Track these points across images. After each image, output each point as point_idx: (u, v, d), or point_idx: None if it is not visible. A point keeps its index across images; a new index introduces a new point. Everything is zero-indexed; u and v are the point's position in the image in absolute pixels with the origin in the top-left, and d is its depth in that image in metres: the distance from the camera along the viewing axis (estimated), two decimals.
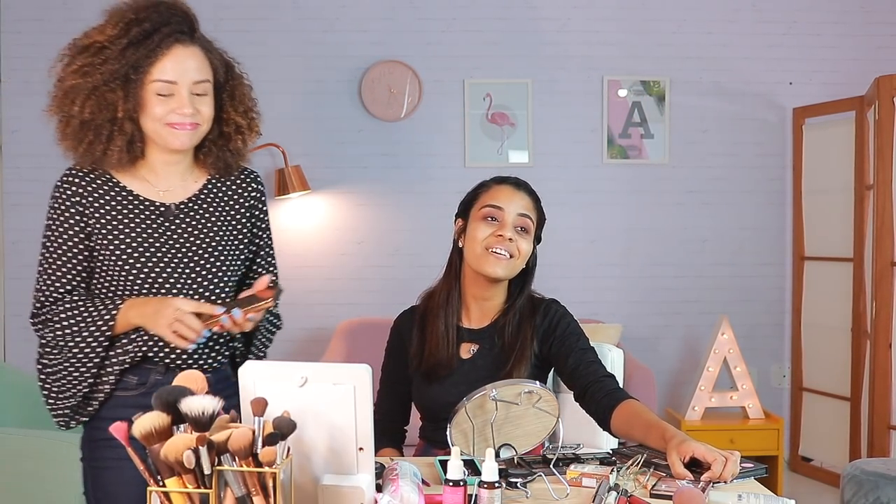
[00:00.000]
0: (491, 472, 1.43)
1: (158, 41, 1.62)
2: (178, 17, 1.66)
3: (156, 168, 1.74)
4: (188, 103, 1.65)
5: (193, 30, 1.69)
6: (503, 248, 1.96)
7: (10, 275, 4.47)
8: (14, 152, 4.45)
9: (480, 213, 2.01)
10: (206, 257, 1.73)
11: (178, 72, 1.64)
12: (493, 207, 2.00)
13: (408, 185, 4.46)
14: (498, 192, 2.04)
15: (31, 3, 4.42)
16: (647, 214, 4.55)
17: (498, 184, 2.06)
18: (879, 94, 3.73)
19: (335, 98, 4.43)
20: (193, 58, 1.66)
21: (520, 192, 2.04)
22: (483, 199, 2.04)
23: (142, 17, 1.62)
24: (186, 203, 1.75)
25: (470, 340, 2.04)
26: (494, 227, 1.99)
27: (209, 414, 1.18)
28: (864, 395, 3.89)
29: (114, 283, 1.70)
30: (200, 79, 1.67)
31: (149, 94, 1.64)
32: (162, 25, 1.63)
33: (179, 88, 1.64)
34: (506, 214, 1.99)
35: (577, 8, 4.51)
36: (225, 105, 1.75)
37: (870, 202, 3.90)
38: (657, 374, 4.29)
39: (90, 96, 1.63)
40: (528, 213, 2.02)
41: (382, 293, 4.40)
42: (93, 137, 1.66)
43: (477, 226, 2.00)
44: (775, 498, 1.49)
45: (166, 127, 1.66)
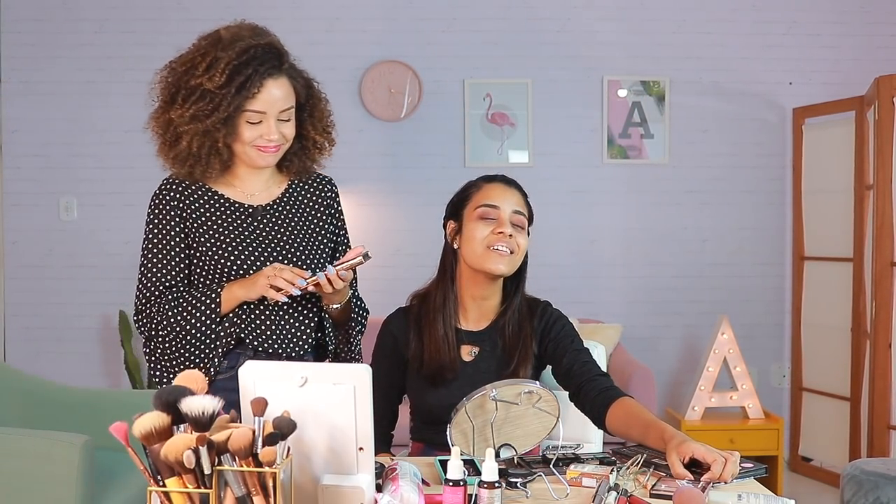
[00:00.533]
0: (491, 472, 1.43)
1: (258, 80, 1.81)
2: (271, 54, 1.85)
3: (242, 176, 1.95)
4: (275, 130, 1.85)
5: (282, 62, 1.87)
6: (504, 245, 1.97)
7: (9, 275, 4.47)
8: (14, 152, 4.46)
9: (476, 213, 2.01)
10: (291, 251, 1.92)
11: (268, 104, 1.83)
12: (488, 207, 2.01)
13: (408, 185, 4.46)
14: (490, 190, 2.04)
15: (31, 3, 4.43)
16: (647, 214, 4.55)
17: (488, 182, 2.07)
18: (879, 94, 3.73)
19: (335, 98, 4.34)
20: (281, 88, 1.85)
21: (511, 189, 2.06)
22: (476, 199, 2.04)
23: (244, 62, 1.80)
24: (272, 205, 1.96)
25: (470, 342, 2.04)
26: (493, 224, 1.99)
27: (209, 414, 1.18)
28: (863, 395, 3.89)
29: (209, 278, 1.89)
30: (286, 107, 1.86)
31: (241, 122, 1.84)
32: (261, 65, 1.82)
33: (268, 117, 1.84)
34: (501, 212, 2.00)
35: (577, 8, 4.52)
36: (305, 123, 1.95)
37: (870, 202, 3.90)
38: (657, 374, 4.29)
39: (197, 135, 1.83)
40: (521, 209, 2.04)
41: (382, 293, 4.38)
42: (193, 162, 1.87)
43: (475, 226, 2.00)
44: (775, 498, 1.49)
45: (254, 149, 1.86)
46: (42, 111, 4.44)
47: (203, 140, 1.84)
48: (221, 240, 1.89)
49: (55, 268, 4.46)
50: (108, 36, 4.45)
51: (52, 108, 4.44)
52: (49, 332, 4.47)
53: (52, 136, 4.44)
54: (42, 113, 4.44)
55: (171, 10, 4.38)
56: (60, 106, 4.46)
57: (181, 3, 4.40)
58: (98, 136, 4.44)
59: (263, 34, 1.88)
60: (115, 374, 4.46)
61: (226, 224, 1.91)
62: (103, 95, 4.43)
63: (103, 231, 4.45)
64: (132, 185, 4.38)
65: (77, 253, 4.46)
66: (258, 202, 1.95)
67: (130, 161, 4.37)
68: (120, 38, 4.43)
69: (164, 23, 4.40)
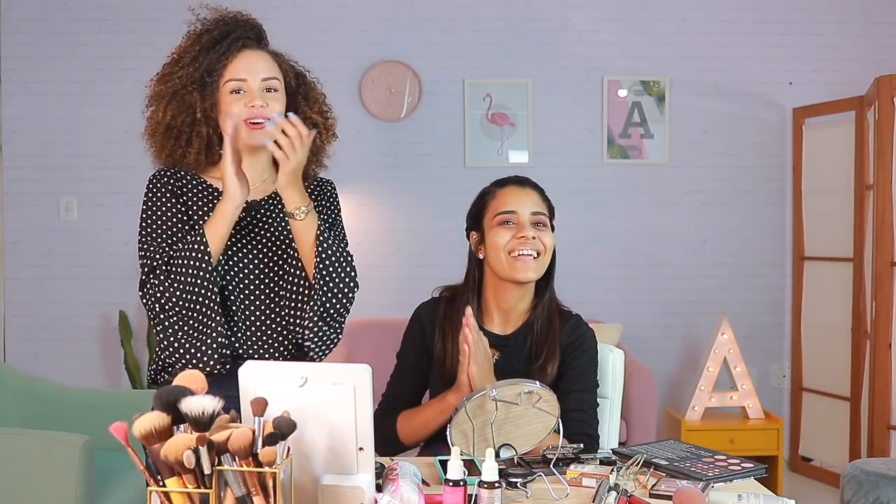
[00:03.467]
0: (491, 472, 1.43)
1: (228, 45, 1.78)
2: (244, 26, 1.82)
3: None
4: (258, 96, 1.76)
5: (260, 38, 1.84)
6: (528, 248, 1.96)
7: (9, 275, 4.47)
8: (14, 152, 4.46)
9: (495, 220, 2.00)
10: (283, 248, 1.84)
11: (248, 70, 1.77)
12: (506, 213, 2.00)
13: (408, 185, 4.46)
14: (505, 195, 2.03)
15: (31, 3, 4.43)
16: (647, 214, 4.55)
17: (501, 187, 2.05)
18: (879, 94, 3.74)
19: (335, 98, 4.37)
20: (262, 59, 1.80)
21: (526, 190, 2.04)
22: (493, 207, 2.03)
23: (210, 28, 1.80)
24: (266, 200, 1.88)
25: (494, 346, 2.01)
26: (513, 230, 1.98)
27: (209, 414, 1.18)
28: (864, 394, 3.89)
29: None
30: (269, 76, 1.79)
31: (223, 94, 1.78)
32: (229, 32, 1.79)
33: (250, 84, 1.77)
34: (520, 216, 1.99)
35: (577, 8, 4.52)
36: (301, 106, 1.87)
37: (870, 202, 3.90)
38: (657, 374, 4.29)
39: (171, 101, 1.78)
40: (540, 209, 2.03)
41: (382, 293, 4.40)
42: (173, 142, 1.81)
43: (496, 233, 1.99)
44: (775, 498, 1.49)
45: (243, 125, 1.76)
46: (42, 111, 4.44)
47: (178, 108, 1.78)
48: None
49: (55, 268, 4.46)
50: (108, 36, 4.45)
51: (52, 108, 4.44)
52: (49, 332, 4.46)
53: (52, 136, 4.44)
54: (42, 113, 4.44)
55: (171, 10, 4.38)
56: (60, 106, 4.46)
57: (181, 3, 4.38)
58: (98, 136, 4.44)
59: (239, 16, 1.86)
60: (115, 374, 4.46)
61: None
62: (103, 95, 4.43)
63: (103, 231, 4.45)
64: (132, 185, 4.38)
65: (77, 253, 4.46)
66: (252, 196, 1.85)
67: (130, 161, 4.37)
68: (120, 38, 4.43)
69: (164, 23, 4.39)
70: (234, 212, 1.74)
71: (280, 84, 1.82)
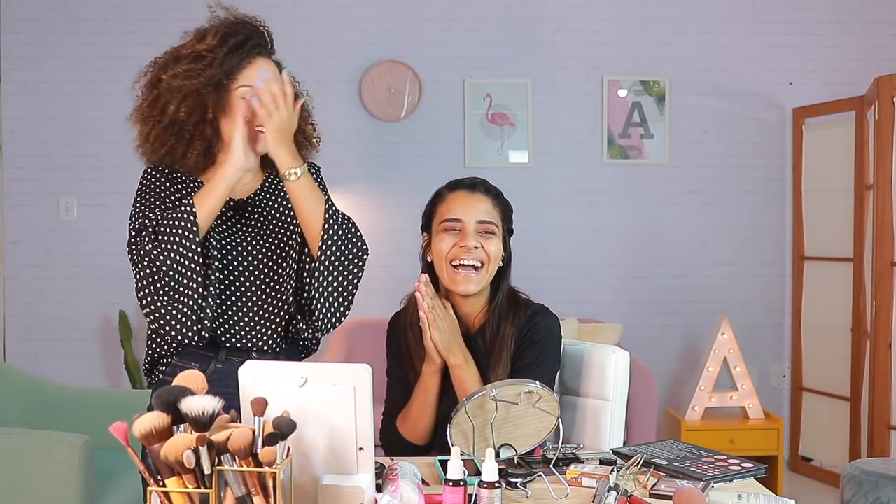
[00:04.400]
0: (491, 472, 1.43)
1: (248, 51, 1.82)
2: (260, 33, 1.86)
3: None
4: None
5: (271, 50, 1.89)
6: (470, 258, 1.91)
7: (9, 275, 4.47)
8: (14, 152, 4.46)
9: (440, 227, 1.95)
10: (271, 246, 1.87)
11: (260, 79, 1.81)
12: (450, 220, 1.94)
13: (408, 185, 4.46)
14: (453, 201, 1.97)
15: (31, 3, 4.43)
16: (647, 214, 4.55)
17: (451, 191, 1.99)
18: (879, 94, 3.74)
19: (335, 98, 4.43)
20: (271, 69, 1.84)
21: (475, 196, 1.96)
22: (440, 212, 1.98)
23: (235, 31, 1.81)
24: (253, 198, 1.91)
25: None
26: (457, 237, 1.93)
27: (209, 414, 1.18)
28: (864, 395, 3.89)
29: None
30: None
31: (234, 98, 1.80)
32: (249, 38, 1.82)
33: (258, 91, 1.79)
34: (465, 224, 1.93)
35: (577, 8, 4.52)
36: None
37: (870, 202, 3.90)
38: (657, 374, 4.29)
39: (188, 97, 1.78)
40: (488, 218, 1.95)
41: (382, 293, 4.38)
42: (175, 140, 1.82)
43: (440, 239, 1.95)
44: (775, 498, 1.49)
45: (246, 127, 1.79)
46: (42, 111, 4.44)
47: (193, 106, 1.79)
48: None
49: (55, 268, 4.46)
50: (108, 36, 4.45)
51: (52, 108, 4.44)
52: (49, 332, 4.46)
53: (52, 136, 4.44)
54: (42, 113, 4.44)
55: (171, 10, 4.38)
56: (60, 106, 4.46)
57: (181, 3, 4.39)
58: (98, 136, 4.44)
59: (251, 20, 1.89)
60: (115, 374, 4.46)
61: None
62: (103, 95, 4.43)
63: (103, 231, 4.45)
64: (132, 185, 4.33)
65: (77, 253, 4.46)
66: (239, 195, 1.90)
67: (130, 161, 4.30)
68: (120, 38, 4.43)
69: (164, 23, 4.39)
70: (233, 175, 1.76)
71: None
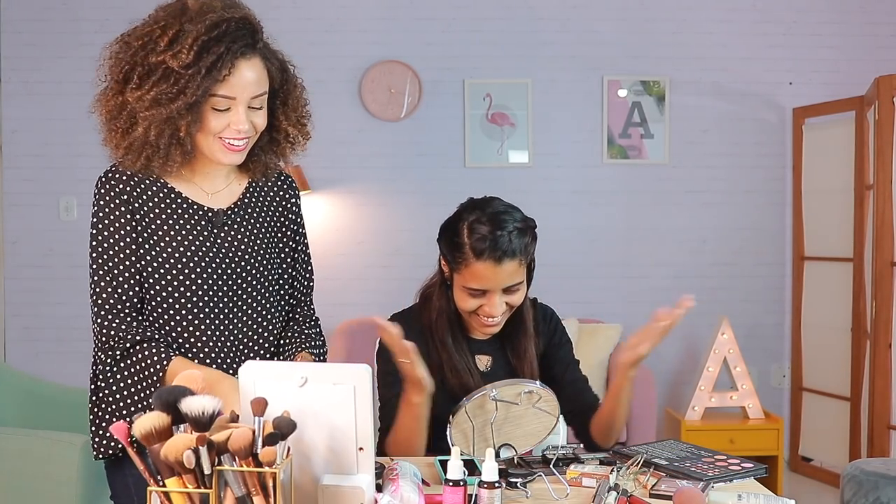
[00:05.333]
0: (491, 472, 1.43)
1: (227, 62, 1.56)
2: (245, 30, 1.59)
3: (201, 171, 1.70)
4: (244, 119, 1.60)
5: (257, 40, 1.62)
6: (494, 319, 1.89)
7: (9, 275, 4.47)
8: (14, 152, 4.46)
9: (463, 290, 1.87)
10: (251, 262, 1.71)
11: (239, 88, 1.58)
12: (475, 290, 1.86)
13: (408, 185, 4.46)
14: (478, 271, 1.83)
15: (31, 3, 4.43)
16: (647, 214, 4.55)
17: (478, 260, 1.83)
18: (879, 94, 3.73)
19: (335, 98, 4.43)
20: (254, 70, 1.60)
21: (502, 267, 1.82)
22: (464, 276, 1.86)
23: (213, 38, 1.55)
24: (233, 208, 1.72)
25: (481, 352, 2.00)
26: (481, 300, 1.87)
27: (209, 414, 1.18)
28: (864, 395, 3.89)
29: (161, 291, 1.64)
30: (259, 92, 1.62)
31: (206, 108, 1.58)
32: (231, 44, 1.56)
33: (237, 104, 1.59)
34: (492, 294, 1.86)
35: (577, 8, 4.52)
36: (277, 112, 1.70)
37: (870, 202, 3.90)
38: (657, 374, 4.29)
39: (161, 123, 1.57)
40: (515, 282, 1.87)
41: (382, 293, 4.40)
42: (151, 153, 1.61)
43: (463, 297, 1.88)
44: (775, 498, 1.49)
45: (218, 141, 1.62)
46: (42, 111, 4.44)
47: (163, 128, 1.57)
48: (174, 245, 1.64)
49: (55, 268, 4.46)
50: (108, 36, 4.37)
51: (52, 108, 4.44)
52: (49, 332, 4.46)
53: (52, 136, 4.44)
54: (42, 113, 4.44)
55: None
56: (60, 106, 4.45)
57: None
58: (98, 136, 4.41)
59: (237, 7, 1.62)
60: None
61: (180, 227, 1.65)
62: None
63: None
64: None
65: (77, 253, 4.45)
66: (219, 204, 1.70)
67: None
68: None
69: None
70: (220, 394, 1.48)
71: (266, 96, 1.65)
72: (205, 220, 1.68)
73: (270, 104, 1.68)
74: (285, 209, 1.81)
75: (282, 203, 1.81)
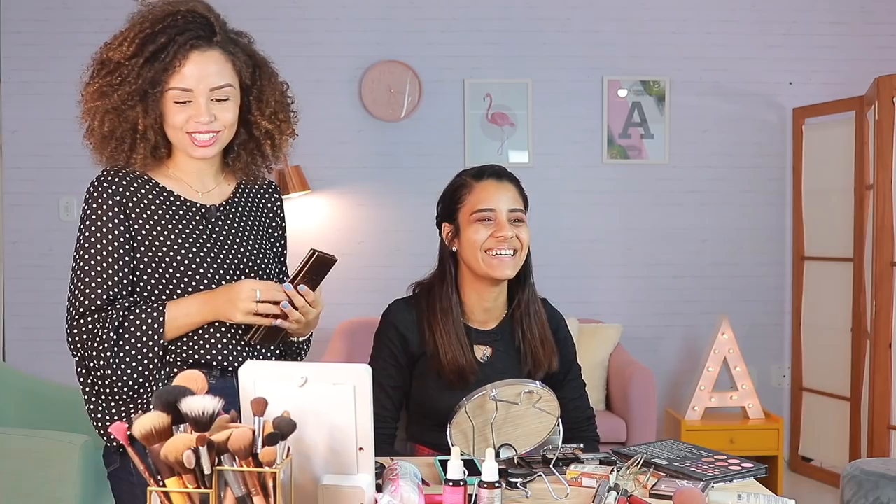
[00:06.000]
0: (491, 472, 1.43)
1: (174, 52, 1.57)
2: (195, 23, 1.60)
3: (187, 169, 1.70)
4: (205, 111, 1.60)
5: (213, 33, 1.62)
6: (506, 248, 1.93)
7: (9, 275, 4.47)
8: (14, 152, 4.46)
9: (472, 217, 1.95)
10: (247, 258, 1.72)
11: (195, 79, 1.59)
12: (484, 211, 1.95)
13: (408, 185, 4.46)
14: (482, 191, 1.97)
15: (31, 3, 4.43)
16: (647, 214, 4.55)
17: (479, 180, 1.99)
18: (879, 94, 3.73)
19: (335, 98, 4.43)
20: (212, 62, 1.60)
21: (503, 184, 1.98)
22: (470, 202, 1.97)
23: (157, 31, 1.58)
24: (225, 205, 1.73)
25: (480, 342, 2.01)
26: (491, 227, 1.94)
27: (209, 414, 1.18)
28: (864, 395, 3.89)
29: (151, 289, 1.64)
30: (220, 84, 1.61)
31: (167, 102, 1.60)
32: (177, 35, 1.58)
33: (196, 96, 1.60)
34: (498, 213, 1.95)
35: (577, 8, 4.52)
36: (252, 108, 1.70)
37: (870, 202, 3.90)
38: (657, 374, 4.29)
39: (108, 114, 1.60)
40: (517, 206, 1.98)
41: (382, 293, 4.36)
42: (115, 146, 1.63)
43: (474, 230, 1.95)
44: (775, 498, 1.49)
45: (186, 136, 1.62)
46: (42, 111, 4.44)
47: (116, 120, 1.59)
48: (168, 244, 1.64)
49: (55, 268, 4.46)
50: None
51: (52, 108, 4.44)
52: (49, 332, 4.46)
53: (52, 136, 4.44)
54: (42, 113, 4.44)
55: None
56: (60, 106, 4.45)
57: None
58: None
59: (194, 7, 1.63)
60: None
61: (174, 225, 1.65)
62: None
63: None
64: None
65: None
66: (212, 201, 1.71)
67: None
68: None
69: None
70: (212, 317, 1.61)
71: (233, 90, 1.64)
72: (199, 216, 1.69)
73: (244, 100, 1.68)
74: (272, 211, 1.84)
75: (267, 205, 1.83)
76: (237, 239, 1.72)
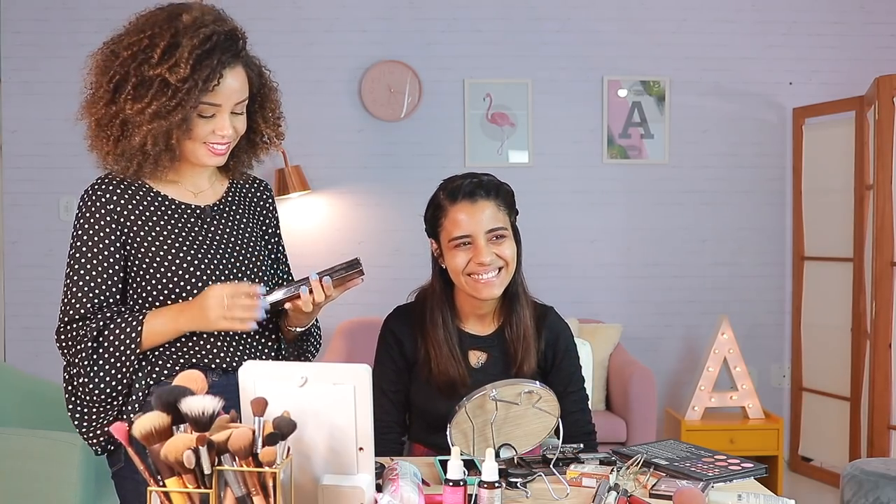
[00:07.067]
0: (491, 472, 1.43)
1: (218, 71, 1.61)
2: (232, 41, 1.65)
3: (185, 172, 1.73)
4: (228, 124, 1.65)
5: (241, 49, 1.67)
6: (487, 272, 1.90)
7: (9, 275, 4.47)
8: (14, 152, 4.46)
9: (450, 244, 1.91)
10: (243, 255, 1.74)
11: (225, 96, 1.63)
12: (460, 238, 1.90)
13: (408, 185, 4.46)
14: (457, 214, 1.91)
15: (31, 3, 4.43)
16: (647, 214, 4.55)
17: (453, 203, 1.92)
18: (879, 94, 3.73)
19: (335, 98, 4.43)
20: (237, 79, 1.65)
21: (478, 205, 1.91)
22: (447, 229, 1.93)
23: (207, 51, 1.59)
24: (218, 204, 1.77)
25: (476, 347, 2.01)
26: (470, 251, 1.90)
27: (209, 414, 1.18)
28: (864, 395, 3.89)
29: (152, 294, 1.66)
30: (241, 99, 1.67)
31: (193, 116, 1.62)
32: (222, 56, 1.61)
33: (223, 111, 1.64)
34: (475, 238, 1.90)
35: (577, 8, 4.52)
36: (256, 115, 1.76)
37: (870, 202, 3.90)
38: (657, 374, 4.29)
39: (161, 135, 1.61)
40: (496, 224, 1.91)
41: (382, 293, 4.38)
42: (142, 159, 1.64)
43: (453, 255, 1.91)
44: (775, 498, 1.49)
45: (203, 147, 1.66)
46: (42, 111, 4.44)
47: (162, 139, 1.61)
48: (165, 247, 1.66)
49: (55, 268, 4.45)
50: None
51: (52, 108, 4.44)
52: (49, 332, 4.41)
53: (52, 136, 4.44)
54: (42, 113, 4.44)
55: None
56: (60, 106, 4.45)
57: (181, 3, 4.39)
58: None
59: (224, 20, 1.67)
60: None
61: (171, 227, 1.68)
62: None
63: None
64: None
65: None
66: (206, 201, 1.74)
67: None
68: None
69: None
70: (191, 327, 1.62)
71: (247, 100, 1.70)
72: (194, 217, 1.71)
73: (249, 107, 1.73)
74: (265, 209, 1.86)
75: (260, 203, 1.86)
76: (232, 237, 1.74)
